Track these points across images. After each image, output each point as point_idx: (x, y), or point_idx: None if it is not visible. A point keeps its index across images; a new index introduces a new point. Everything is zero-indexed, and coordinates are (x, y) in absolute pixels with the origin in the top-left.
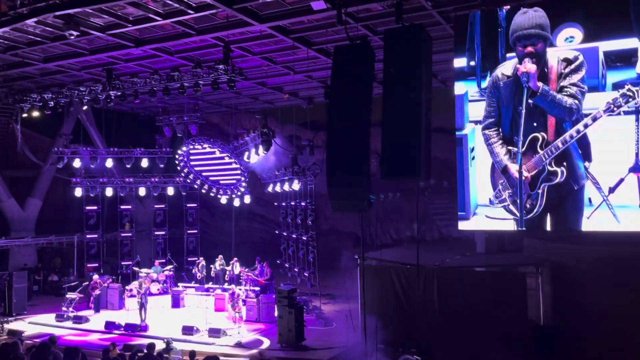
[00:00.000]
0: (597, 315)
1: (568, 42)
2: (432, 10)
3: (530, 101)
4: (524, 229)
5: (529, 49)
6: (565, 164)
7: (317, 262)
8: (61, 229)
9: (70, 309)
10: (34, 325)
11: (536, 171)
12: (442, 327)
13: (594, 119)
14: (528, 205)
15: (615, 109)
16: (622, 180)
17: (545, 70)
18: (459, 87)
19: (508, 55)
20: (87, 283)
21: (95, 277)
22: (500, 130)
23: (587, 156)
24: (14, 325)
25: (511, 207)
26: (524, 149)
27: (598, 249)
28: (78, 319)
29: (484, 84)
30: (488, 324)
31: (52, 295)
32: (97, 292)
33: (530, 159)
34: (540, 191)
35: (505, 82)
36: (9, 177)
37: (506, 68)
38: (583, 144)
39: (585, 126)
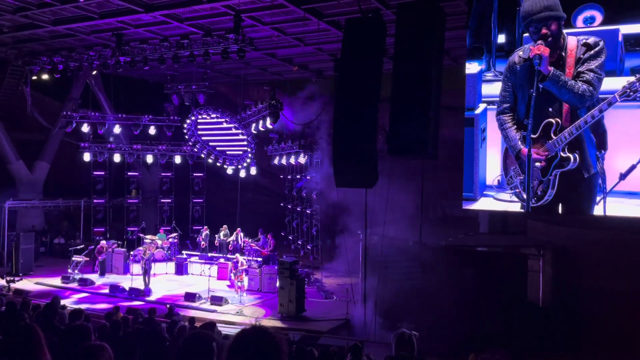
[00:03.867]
0: (597, 299)
1: (588, 24)
2: None
3: (540, 85)
4: (530, 212)
5: (543, 30)
6: (578, 151)
7: (321, 235)
8: (68, 193)
9: (76, 271)
10: (39, 285)
11: (549, 157)
12: (441, 303)
13: (610, 104)
14: (539, 192)
15: (631, 93)
16: (634, 167)
17: (563, 54)
18: (472, 66)
19: (525, 35)
20: (93, 247)
21: (103, 242)
22: (515, 115)
23: (602, 144)
24: (20, 284)
25: (523, 194)
26: (537, 134)
27: (602, 233)
28: (83, 282)
29: (501, 66)
30: (488, 302)
31: (59, 258)
32: (103, 256)
33: (543, 144)
34: (552, 178)
35: (522, 65)
36: (18, 139)
37: (523, 51)
38: (599, 132)
39: (600, 111)
